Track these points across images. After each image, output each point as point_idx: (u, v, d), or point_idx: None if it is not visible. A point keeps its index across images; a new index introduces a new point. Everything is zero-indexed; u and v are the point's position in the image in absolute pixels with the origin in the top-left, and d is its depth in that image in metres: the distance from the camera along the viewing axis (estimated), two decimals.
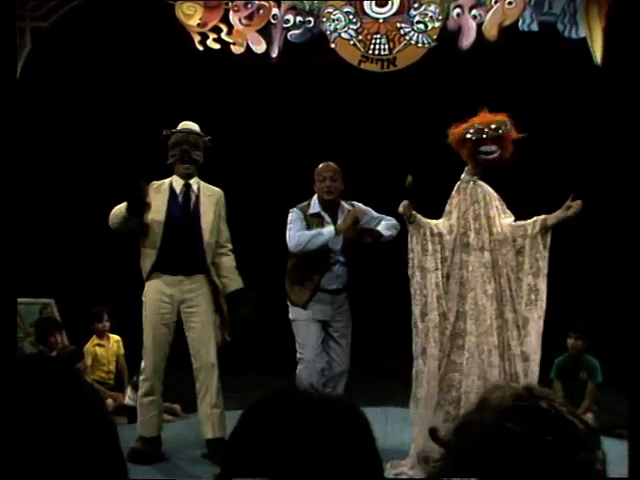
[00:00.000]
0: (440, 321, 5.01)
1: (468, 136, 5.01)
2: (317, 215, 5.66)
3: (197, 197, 5.61)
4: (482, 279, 4.98)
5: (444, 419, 4.91)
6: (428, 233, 5.11)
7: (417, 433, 5.02)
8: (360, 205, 5.77)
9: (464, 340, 4.97)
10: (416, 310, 5.07)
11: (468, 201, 5.12)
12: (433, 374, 5.00)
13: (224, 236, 5.69)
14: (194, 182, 5.65)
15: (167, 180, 5.66)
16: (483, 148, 5.02)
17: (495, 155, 5.03)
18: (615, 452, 1.56)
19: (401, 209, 5.10)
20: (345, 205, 5.73)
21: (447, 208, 5.23)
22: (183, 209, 5.57)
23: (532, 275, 5.03)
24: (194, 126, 5.73)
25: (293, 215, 5.68)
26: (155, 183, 5.62)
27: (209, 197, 5.64)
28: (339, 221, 5.65)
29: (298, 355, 5.64)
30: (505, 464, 1.14)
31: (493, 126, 4.99)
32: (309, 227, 5.61)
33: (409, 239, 5.16)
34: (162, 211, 5.49)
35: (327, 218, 5.65)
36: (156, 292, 5.49)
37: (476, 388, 4.84)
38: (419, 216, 5.15)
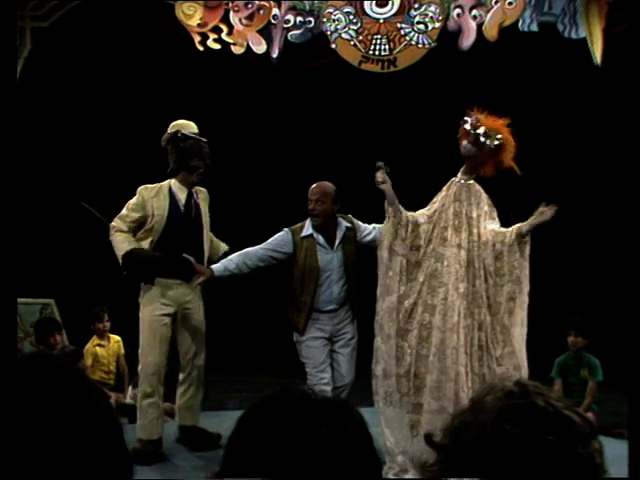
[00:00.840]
0: (396, 304, 5.10)
1: (463, 123, 5.11)
2: (309, 237, 5.56)
3: (197, 205, 5.65)
4: (455, 276, 5.00)
5: (410, 410, 4.99)
6: (404, 221, 5.19)
7: (384, 427, 5.07)
8: (355, 221, 5.68)
9: (430, 334, 5.01)
10: (378, 290, 5.16)
11: (452, 198, 5.15)
12: (389, 353, 5.07)
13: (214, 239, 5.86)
14: (195, 189, 5.70)
15: (164, 186, 5.60)
16: (464, 142, 5.09)
17: (467, 154, 5.10)
18: (615, 452, 1.57)
19: (379, 177, 5.17)
20: (343, 222, 5.62)
21: (433, 199, 5.28)
22: (185, 217, 5.59)
23: (511, 282, 5.03)
24: (196, 127, 5.70)
25: (279, 235, 5.58)
26: (149, 187, 5.58)
27: (203, 201, 5.72)
28: (337, 241, 5.57)
29: (307, 375, 5.58)
30: (505, 465, 1.14)
31: (486, 132, 5.05)
32: (299, 249, 5.51)
33: (385, 222, 5.23)
34: (162, 221, 5.50)
35: (320, 239, 5.54)
36: (155, 293, 5.50)
37: (437, 382, 4.91)
38: (397, 202, 5.23)
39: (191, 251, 5.49)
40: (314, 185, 5.61)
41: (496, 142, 5.05)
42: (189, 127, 5.67)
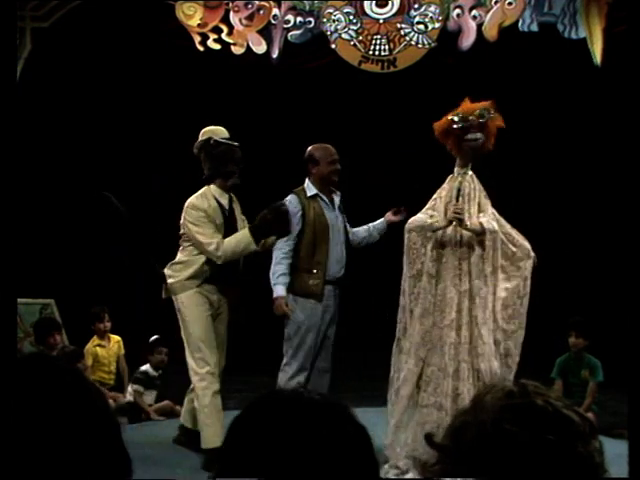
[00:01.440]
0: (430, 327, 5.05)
1: (454, 125, 5.02)
2: (315, 196, 5.54)
3: (232, 208, 5.66)
4: (454, 272, 4.97)
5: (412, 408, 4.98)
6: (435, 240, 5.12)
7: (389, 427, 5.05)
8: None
9: (430, 331, 4.99)
10: (416, 311, 5.08)
11: (453, 194, 5.11)
12: (416, 373, 5.04)
13: None
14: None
15: (207, 193, 5.54)
16: (469, 135, 5.03)
17: (480, 141, 5.03)
18: (614, 452, 1.57)
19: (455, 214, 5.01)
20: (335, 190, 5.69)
21: (434, 195, 5.23)
22: (231, 223, 5.58)
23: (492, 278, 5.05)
24: (225, 131, 5.70)
25: (290, 207, 5.53)
26: (198, 197, 5.51)
27: (235, 203, 5.71)
28: (336, 202, 5.59)
29: (285, 360, 5.46)
30: (505, 465, 1.14)
31: (477, 112, 5.01)
32: (307, 208, 5.48)
33: (420, 240, 5.12)
34: (222, 227, 5.48)
35: (325, 198, 5.55)
36: (200, 297, 5.48)
37: (435, 379, 4.88)
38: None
39: None
40: (326, 147, 5.60)
41: (489, 112, 5.02)
42: (220, 133, 5.65)
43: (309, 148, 5.68)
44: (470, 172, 5.16)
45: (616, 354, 6.82)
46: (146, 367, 6.90)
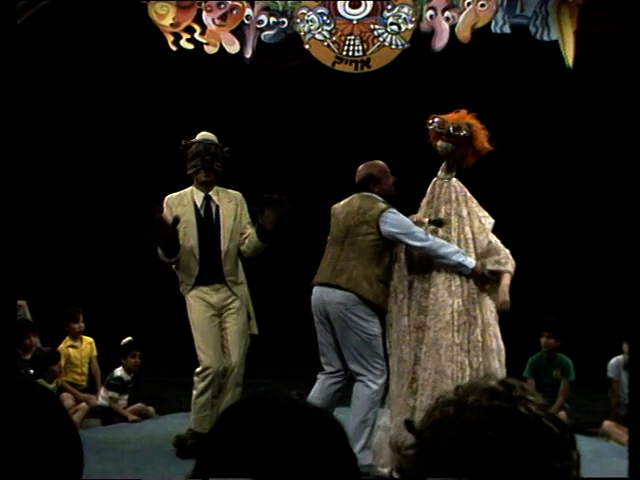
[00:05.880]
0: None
1: (428, 126, 5.11)
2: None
3: (217, 207, 5.62)
4: (445, 274, 5.00)
5: (405, 410, 4.94)
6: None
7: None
8: None
9: (424, 334, 5.00)
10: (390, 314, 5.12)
11: (441, 199, 5.13)
12: (401, 374, 5.04)
13: (248, 231, 5.68)
14: (213, 193, 5.64)
15: (187, 192, 5.61)
16: (439, 142, 5.10)
17: (445, 152, 5.08)
18: (588, 449, 1.58)
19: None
20: None
21: (423, 201, 5.24)
22: (206, 222, 5.58)
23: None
24: (213, 137, 5.71)
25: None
26: (174, 195, 5.58)
27: (228, 204, 5.65)
28: None
29: (379, 373, 5.07)
30: (481, 469, 1.15)
31: (455, 125, 5.06)
32: None
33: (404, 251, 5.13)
34: (193, 225, 5.51)
35: None
36: (199, 299, 5.51)
37: (432, 382, 4.87)
38: None
39: (210, 255, 5.52)
40: (381, 162, 5.27)
41: (467, 130, 5.06)
42: (203, 137, 5.68)
43: (362, 168, 5.31)
44: (454, 179, 5.18)
45: (588, 353, 6.89)
46: (120, 372, 6.83)
